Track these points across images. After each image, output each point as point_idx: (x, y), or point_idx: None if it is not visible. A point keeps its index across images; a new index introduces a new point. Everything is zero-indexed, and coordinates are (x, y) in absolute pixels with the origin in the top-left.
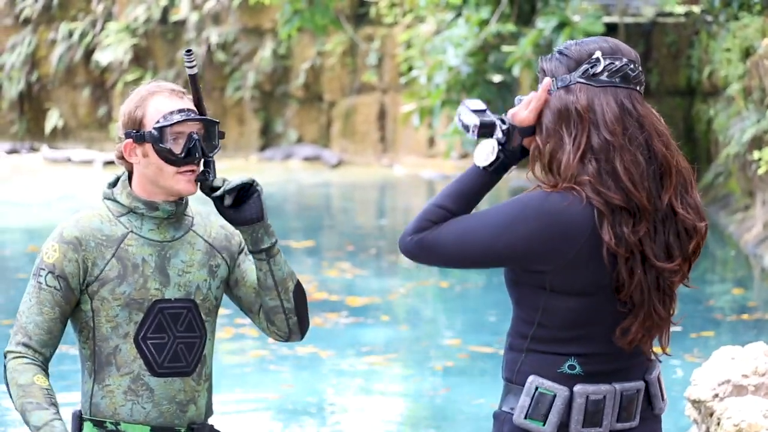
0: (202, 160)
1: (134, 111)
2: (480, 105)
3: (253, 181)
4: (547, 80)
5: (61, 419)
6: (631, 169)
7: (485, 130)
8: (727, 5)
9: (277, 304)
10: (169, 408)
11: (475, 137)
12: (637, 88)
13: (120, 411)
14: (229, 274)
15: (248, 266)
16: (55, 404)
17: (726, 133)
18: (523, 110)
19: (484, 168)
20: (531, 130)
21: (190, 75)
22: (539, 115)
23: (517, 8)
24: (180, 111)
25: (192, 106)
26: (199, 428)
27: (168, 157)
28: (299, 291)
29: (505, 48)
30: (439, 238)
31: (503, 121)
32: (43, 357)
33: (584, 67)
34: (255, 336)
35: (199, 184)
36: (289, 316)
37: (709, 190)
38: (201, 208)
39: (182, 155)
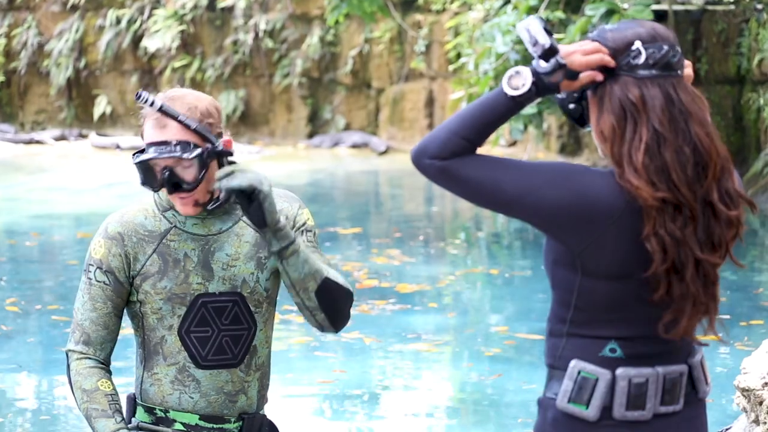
0: (229, 158)
1: (141, 126)
2: (546, 24)
3: (254, 189)
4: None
5: (126, 428)
6: (677, 165)
7: (550, 55)
8: None
9: (298, 301)
10: (218, 398)
11: (536, 55)
12: (679, 72)
13: (168, 399)
14: None
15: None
16: (119, 410)
17: None
18: (580, 54)
19: (514, 97)
20: (575, 75)
21: (158, 110)
22: (599, 109)
23: None
24: (156, 144)
25: (177, 135)
26: (250, 418)
27: (147, 187)
28: (325, 290)
29: (554, 35)
30: (469, 173)
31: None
32: (105, 353)
33: (626, 58)
34: (300, 322)
35: (199, 206)
36: (314, 313)
37: (759, 178)
38: None
39: (156, 188)
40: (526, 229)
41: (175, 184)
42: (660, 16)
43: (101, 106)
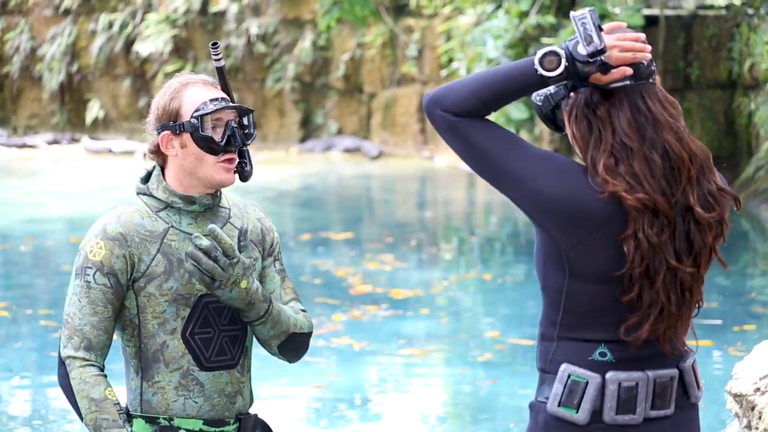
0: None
1: (169, 103)
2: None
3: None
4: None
5: None
6: (648, 172)
7: (598, 54)
8: None
9: (259, 341)
10: (220, 401)
11: (586, 52)
12: (649, 79)
13: (173, 406)
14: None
15: (270, 272)
16: (126, 421)
17: (767, 127)
18: (618, 51)
19: (542, 75)
20: (609, 69)
21: (217, 67)
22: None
23: (557, 0)
24: (216, 100)
25: (223, 95)
26: (246, 418)
27: (208, 146)
28: (288, 343)
29: (545, 40)
30: (478, 138)
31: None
32: (103, 360)
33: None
34: None
35: (237, 174)
36: (272, 352)
37: (750, 183)
38: (238, 200)
39: (222, 143)
40: (518, 234)
41: (241, 137)
42: (651, 21)
43: (94, 110)
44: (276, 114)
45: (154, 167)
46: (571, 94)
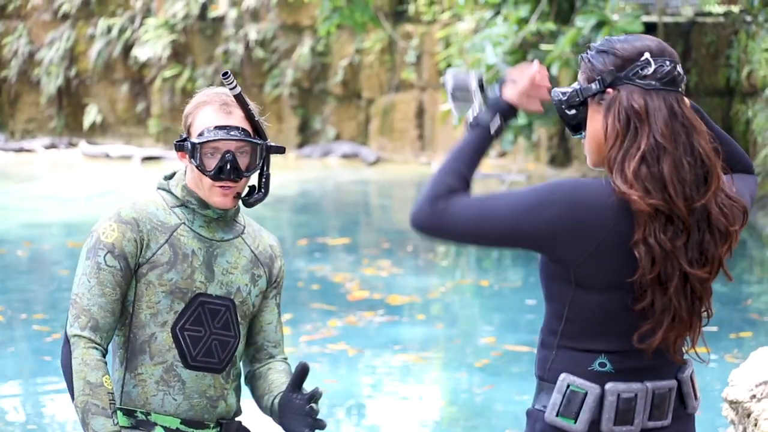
0: (257, 173)
1: (188, 116)
2: (476, 76)
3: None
4: (535, 63)
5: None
6: (676, 176)
7: (459, 94)
8: (766, 5)
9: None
10: (200, 402)
11: (449, 99)
12: (681, 89)
13: (151, 401)
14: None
15: (268, 304)
16: (115, 411)
17: (764, 134)
18: (510, 87)
19: (492, 132)
20: (513, 112)
21: (234, 95)
22: (605, 115)
23: (556, 6)
24: (222, 128)
25: (241, 123)
26: (228, 424)
27: (201, 171)
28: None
29: (544, 46)
30: (459, 212)
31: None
32: (107, 342)
33: (634, 68)
34: (286, 333)
35: (239, 199)
36: None
37: None
38: (254, 223)
39: (211, 172)
40: None
41: (234, 169)
42: (650, 28)
43: (91, 115)
44: (274, 119)
45: (181, 168)
46: (609, 90)
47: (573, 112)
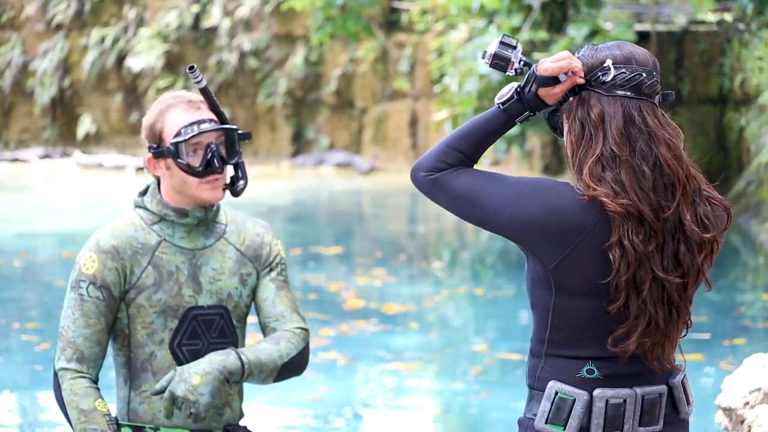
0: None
1: (154, 125)
2: (512, 41)
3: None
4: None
5: None
6: (635, 182)
7: (498, 61)
8: (759, 13)
9: None
10: (207, 412)
11: (488, 65)
12: (651, 99)
13: (159, 416)
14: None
15: (266, 283)
16: (117, 431)
17: (757, 142)
18: (548, 61)
19: (500, 106)
20: (549, 81)
21: (200, 89)
22: (567, 121)
23: (548, 16)
24: (196, 123)
25: (210, 115)
26: (234, 429)
27: (189, 170)
28: (282, 373)
29: (537, 55)
30: (454, 186)
31: (528, 65)
32: (96, 371)
33: (595, 75)
34: None
35: (226, 190)
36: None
37: (741, 198)
38: (238, 215)
39: (200, 168)
40: (509, 249)
41: (221, 159)
42: (643, 37)
43: (85, 125)
44: (267, 129)
45: (153, 181)
46: (571, 98)
47: (550, 116)
